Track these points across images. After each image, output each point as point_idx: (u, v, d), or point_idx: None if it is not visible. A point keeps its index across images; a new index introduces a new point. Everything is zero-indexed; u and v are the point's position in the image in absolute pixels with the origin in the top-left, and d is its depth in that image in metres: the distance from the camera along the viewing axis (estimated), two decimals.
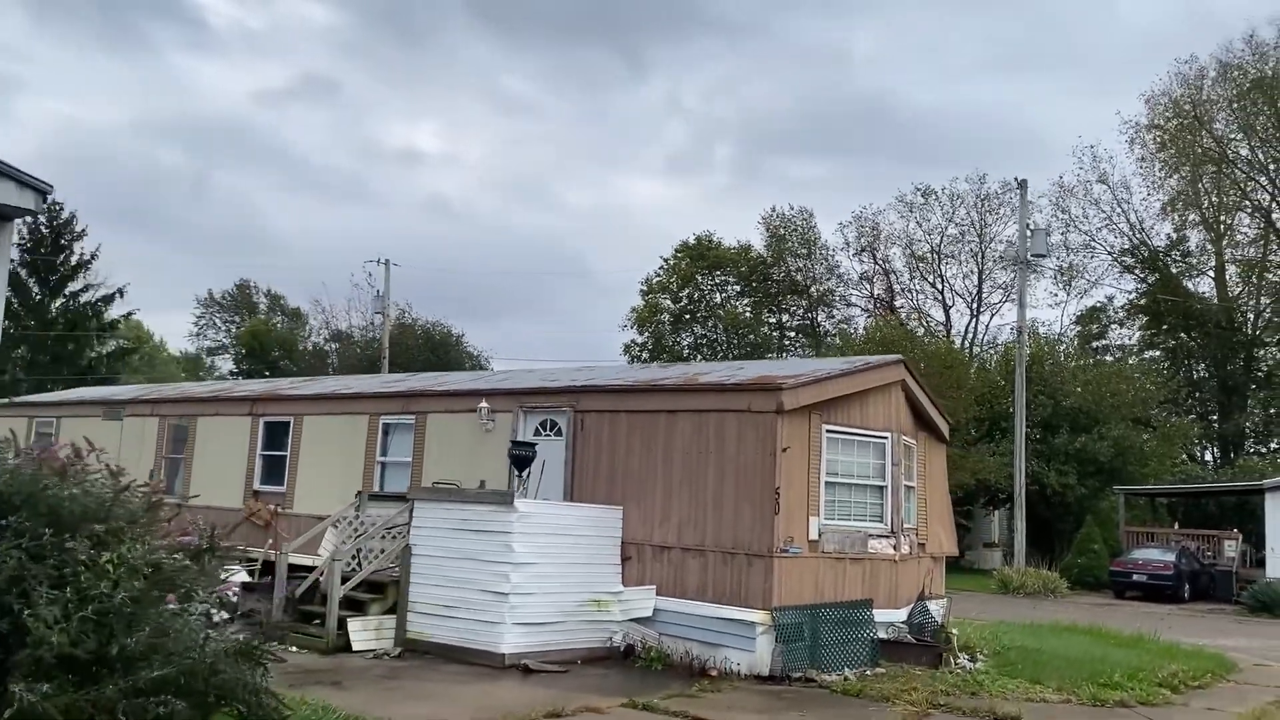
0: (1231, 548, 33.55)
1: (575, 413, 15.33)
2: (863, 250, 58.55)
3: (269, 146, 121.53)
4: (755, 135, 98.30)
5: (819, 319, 63.70)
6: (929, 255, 58.30)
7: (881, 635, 14.35)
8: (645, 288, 63.41)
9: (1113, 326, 61.44)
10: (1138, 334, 60.22)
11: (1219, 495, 38.65)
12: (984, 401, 40.15)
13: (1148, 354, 58.35)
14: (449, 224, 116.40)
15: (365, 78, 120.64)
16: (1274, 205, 53.80)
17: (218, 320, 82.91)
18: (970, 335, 56.04)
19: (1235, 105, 52.80)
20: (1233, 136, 54.18)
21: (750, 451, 13.61)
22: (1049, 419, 40.58)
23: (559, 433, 15.47)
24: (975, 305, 57.58)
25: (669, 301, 63.33)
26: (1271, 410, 53.66)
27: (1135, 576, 31.78)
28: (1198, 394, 56.39)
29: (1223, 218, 57.23)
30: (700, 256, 62.24)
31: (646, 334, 62.87)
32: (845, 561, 14.27)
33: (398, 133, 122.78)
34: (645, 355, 61.46)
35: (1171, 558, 31.94)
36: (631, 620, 14.15)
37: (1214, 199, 56.38)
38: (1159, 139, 55.37)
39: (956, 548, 18.20)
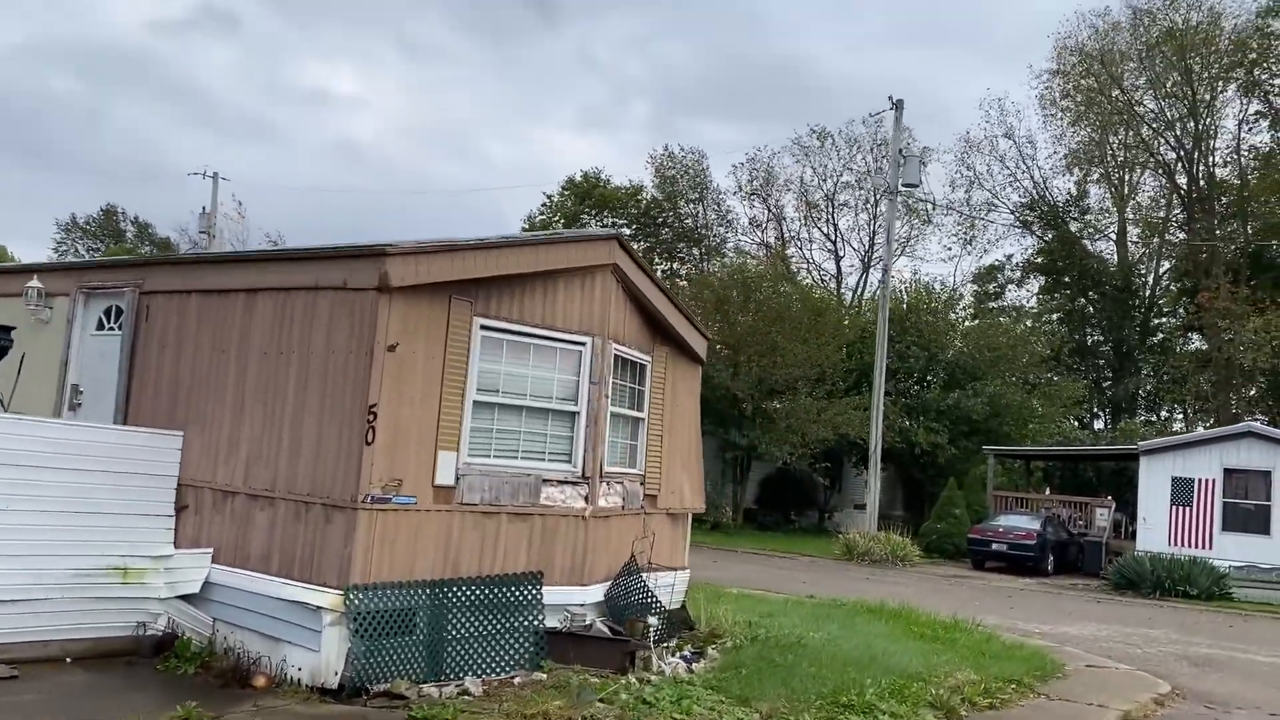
0: (1103, 516, 29.86)
1: (139, 295, 10.49)
2: (753, 194, 54.07)
3: (168, 79, 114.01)
4: (668, 95, 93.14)
5: (713, 268, 59.32)
6: (821, 202, 54.14)
7: (553, 624, 9.85)
8: (526, 226, 58.29)
9: (1010, 286, 58.10)
10: (1036, 295, 56.84)
11: (1097, 460, 35.06)
12: (855, 352, 36.02)
13: (1045, 317, 54.90)
14: (361, 170, 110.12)
15: (267, 12, 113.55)
16: (1178, 165, 50.33)
17: (80, 247, 76.24)
18: (862, 289, 52.02)
19: (1144, 58, 49.03)
20: (1141, 90, 50.52)
21: (341, 350, 8.93)
22: (923, 372, 36.64)
23: (122, 325, 10.64)
24: (867, 257, 53.62)
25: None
26: (1165, 376, 50.53)
27: (995, 545, 27.91)
28: (1090, 358, 53.07)
29: (1126, 176, 53.86)
30: (586, 195, 57.27)
31: None
32: (501, 517, 9.69)
33: (305, 72, 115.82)
34: None
35: (1036, 526, 28.12)
36: (179, 598, 9.47)
37: (1118, 156, 52.90)
38: (1064, 88, 51.55)
39: (703, 502, 13.74)
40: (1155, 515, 26.45)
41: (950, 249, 67.51)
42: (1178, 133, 49.67)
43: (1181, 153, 49.76)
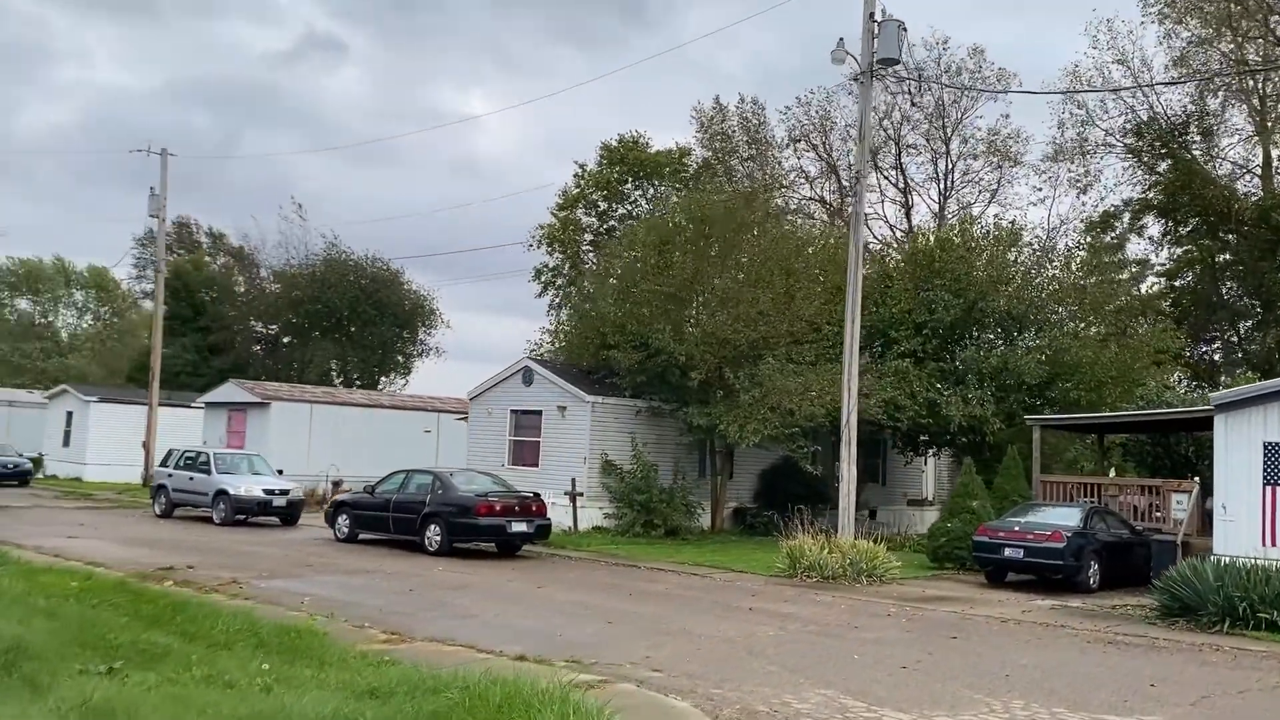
0: (1180, 505, 20.34)
1: None
2: (798, 140, 45.40)
3: (290, 108, 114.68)
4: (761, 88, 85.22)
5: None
6: (888, 144, 45.09)
7: None
8: (560, 200, 51.16)
9: (1130, 236, 47.20)
10: (1161, 242, 45.80)
11: (1171, 426, 24.92)
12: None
13: (1169, 261, 44.09)
14: (476, 182, 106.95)
15: (370, 41, 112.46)
16: None
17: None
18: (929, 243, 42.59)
19: None
20: None
21: None
22: (952, 327, 27.56)
23: None
24: (942, 197, 44.28)
25: (593, 218, 50.79)
26: None
27: (1009, 551, 18.94)
28: (1219, 312, 41.96)
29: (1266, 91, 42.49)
30: (621, 160, 49.69)
31: (560, 256, 50.67)
32: None
33: (415, 94, 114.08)
34: (559, 282, 48.93)
35: (1070, 521, 19.03)
36: None
37: (1258, 75, 41.67)
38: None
39: None
40: (1237, 501, 17.02)
41: (1040, 189, 56.20)
42: None
43: None
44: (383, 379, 61.63)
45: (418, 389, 59.34)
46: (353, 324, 58.23)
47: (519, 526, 20.23)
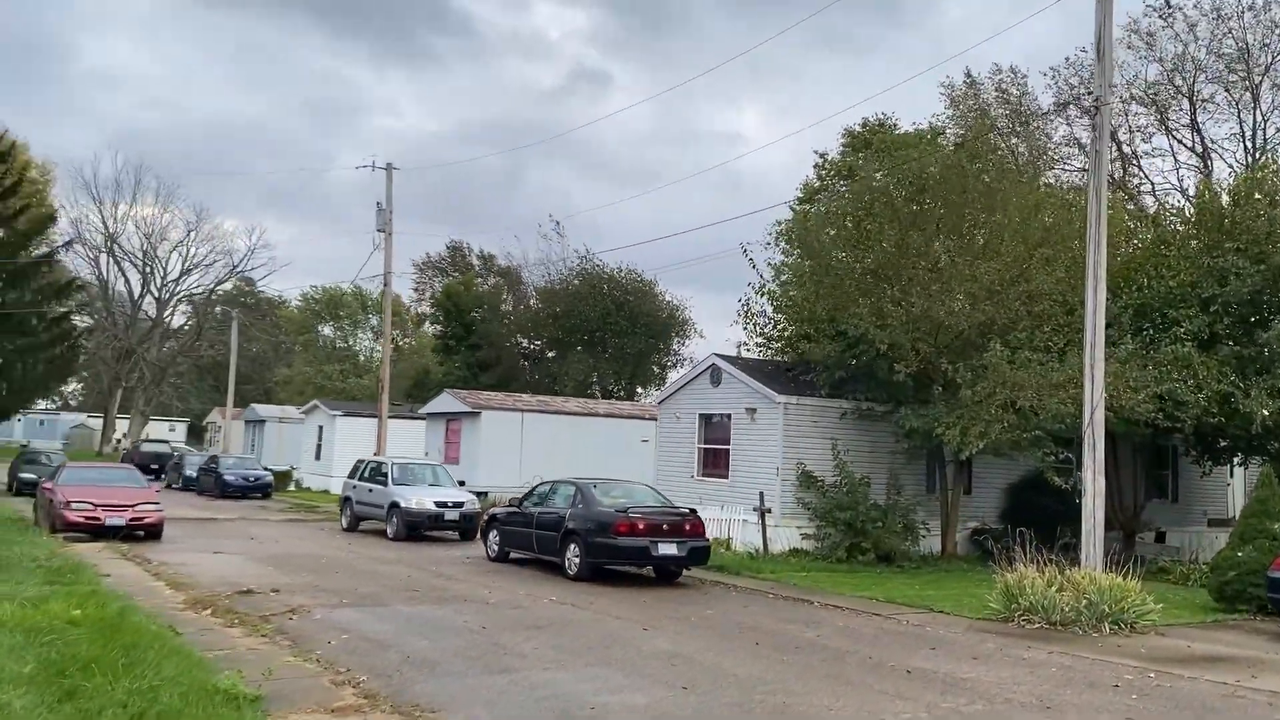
0: None
1: None
2: (1066, 105, 38.97)
3: (564, 138, 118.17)
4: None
5: None
6: (1179, 99, 37.93)
7: None
8: (801, 194, 47.19)
9: None
10: None
11: None
12: (1122, 282, 21.86)
13: None
14: (738, 196, 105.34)
15: (633, 67, 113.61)
16: None
17: (436, 283, 76.80)
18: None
19: None
20: None
21: None
22: (1252, 302, 21.32)
23: None
24: (1250, 157, 36.53)
25: (849, 221, 46.27)
26: None
27: None
28: None
29: None
30: (866, 145, 45.04)
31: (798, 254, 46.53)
32: None
33: (679, 115, 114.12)
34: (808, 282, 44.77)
35: None
36: None
37: None
38: None
39: None
40: None
41: None
42: None
43: None
44: (639, 390, 60.16)
45: None
46: (606, 336, 57.01)
47: (667, 549, 16.73)
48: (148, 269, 70.74)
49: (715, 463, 23.41)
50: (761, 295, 23.28)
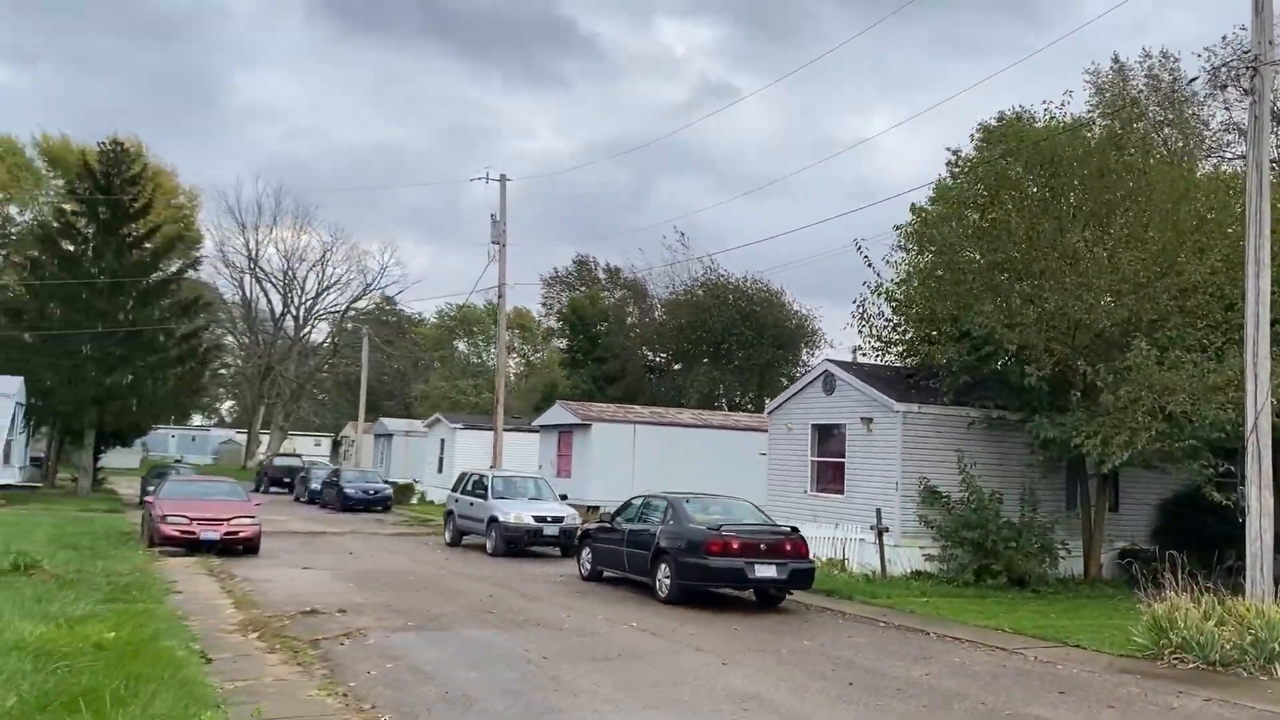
0: None
1: None
2: (1224, 87, 35.54)
3: (691, 154, 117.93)
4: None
5: None
6: None
7: None
8: (933, 194, 44.59)
9: None
10: None
11: None
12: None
13: None
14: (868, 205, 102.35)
15: (759, 82, 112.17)
16: None
17: (564, 298, 76.73)
18: None
19: None
20: None
21: None
22: None
23: None
24: None
25: (972, 213, 43.61)
26: None
27: None
28: None
29: None
30: (1002, 139, 42.15)
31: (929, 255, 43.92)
32: None
33: (806, 126, 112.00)
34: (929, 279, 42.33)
35: None
36: None
37: None
38: None
39: None
40: None
41: None
42: None
43: None
44: (767, 402, 58.42)
45: None
46: (732, 347, 55.56)
47: (764, 571, 15.17)
48: (287, 289, 72.80)
49: (830, 477, 21.69)
50: (878, 295, 21.45)
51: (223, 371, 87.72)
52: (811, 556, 17.50)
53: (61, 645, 9.69)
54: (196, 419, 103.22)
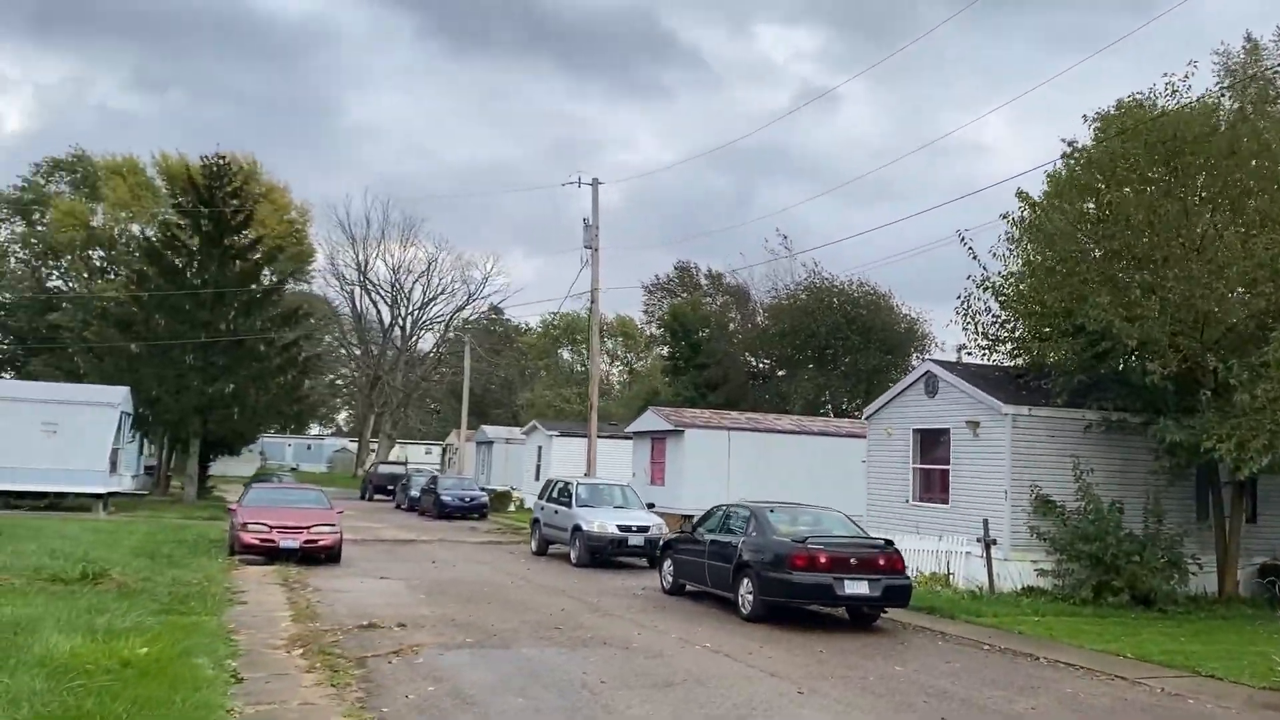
0: None
1: None
2: None
3: (793, 158, 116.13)
4: None
5: None
6: None
7: None
8: (1046, 185, 42.23)
9: None
10: None
11: None
12: None
13: None
14: (976, 205, 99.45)
15: (860, 82, 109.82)
16: None
17: (665, 305, 75.85)
18: None
19: None
20: None
21: None
22: None
23: None
24: None
25: (1088, 199, 41.01)
26: None
27: None
28: None
29: None
30: (1121, 130, 39.66)
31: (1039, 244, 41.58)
32: None
33: (909, 126, 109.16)
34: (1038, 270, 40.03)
35: None
36: None
37: None
38: None
39: None
40: None
41: None
42: None
43: None
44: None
45: None
46: (837, 352, 53.90)
47: (855, 588, 13.89)
48: (395, 300, 73.74)
49: (933, 485, 20.20)
50: (984, 290, 19.89)
51: (339, 382, 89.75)
52: (911, 571, 16.15)
53: (86, 662, 9.13)
54: (314, 428, 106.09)
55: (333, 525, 20.31)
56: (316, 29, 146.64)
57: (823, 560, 13.83)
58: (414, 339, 75.86)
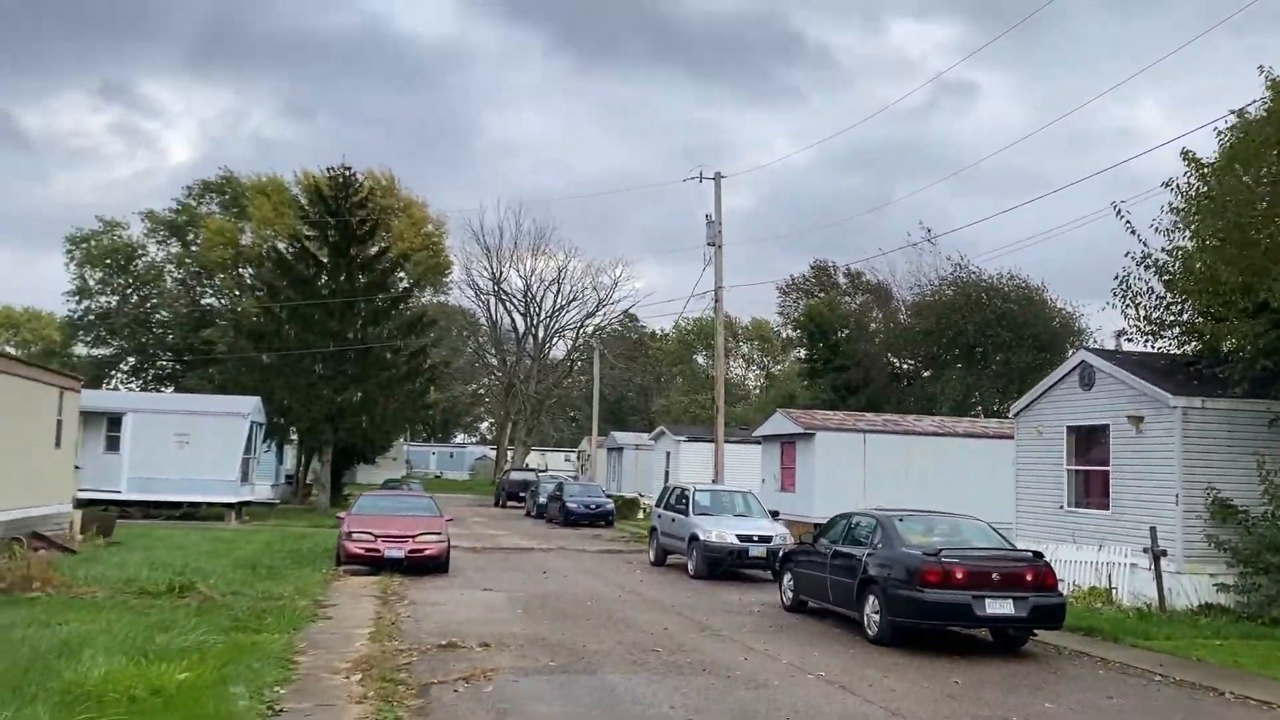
0: None
1: None
2: None
3: (931, 153, 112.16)
4: None
5: None
6: None
7: None
8: (1218, 158, 38.53)
9: None
10: None
11: None
12: None
13: None
14: (1131, 194, 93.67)
15: (999, 74, 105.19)
16: None
17: (801, 305, 73.61)
18: None
19: None
20: None
21: None
22: None
23: None
24: None
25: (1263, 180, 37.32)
26: None
27: None
28: None
29: None
30: None
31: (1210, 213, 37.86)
32: None
33: (1052, 117, 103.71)
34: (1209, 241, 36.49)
35: None
36: None
37: None
38: None
39: None
40: None
41: None
42: None
43: None
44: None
45: None
46: (987, 350, 50.85)
47: (997, 607, 11.99)
48: (528, 308, 73.84)
49: (1091, 489, 17.93)
50: (1145, 268, 17.54)
51: (480, 391, 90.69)
52: (1067, 585, 14.13)
53: (113, 689, 8.23)
54: (458, 436, 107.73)
55: (439, 534, 19.44)
56: (453, 50, 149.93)
57: (959, 575, 11.99)
58: (547, 346, 75.79)
